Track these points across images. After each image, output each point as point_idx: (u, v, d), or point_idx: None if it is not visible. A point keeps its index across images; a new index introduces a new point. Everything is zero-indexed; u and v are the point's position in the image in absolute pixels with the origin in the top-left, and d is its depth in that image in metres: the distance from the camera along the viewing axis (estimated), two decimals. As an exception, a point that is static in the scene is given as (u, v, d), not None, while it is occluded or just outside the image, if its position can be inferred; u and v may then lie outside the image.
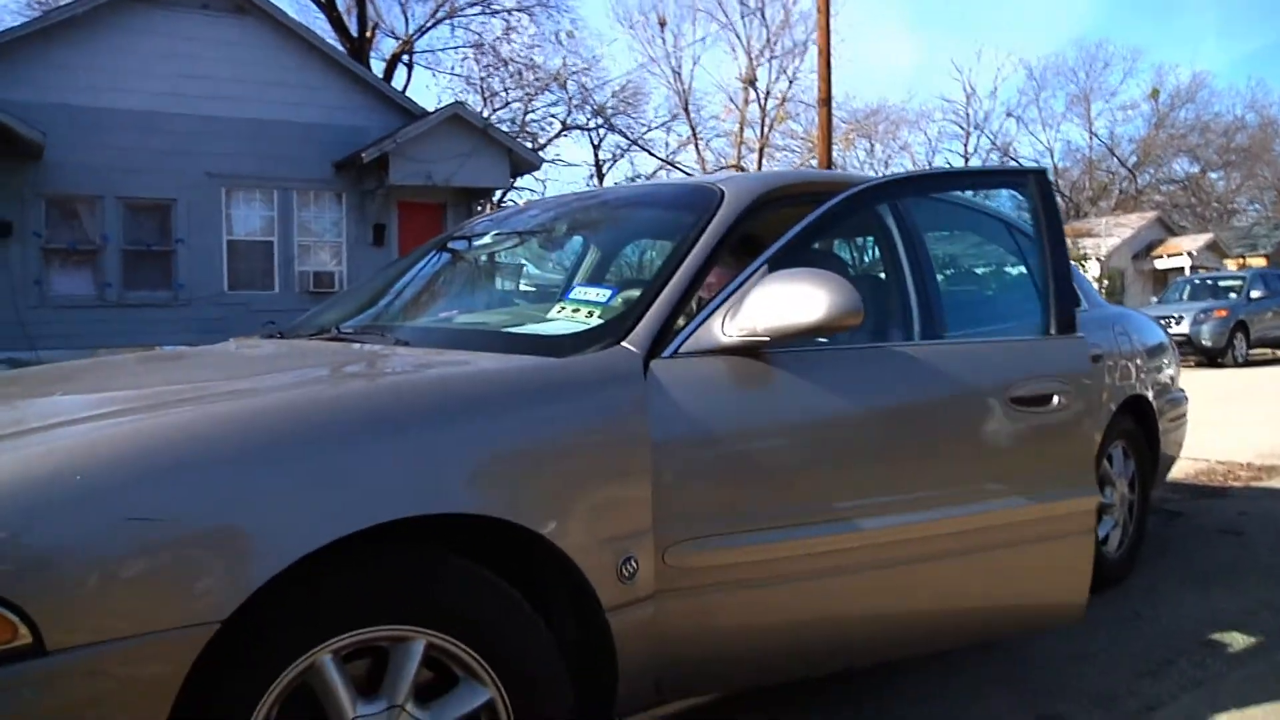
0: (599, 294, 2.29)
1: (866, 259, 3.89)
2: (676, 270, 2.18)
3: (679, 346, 2.08)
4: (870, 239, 3.57)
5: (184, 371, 2.38)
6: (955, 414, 2.41)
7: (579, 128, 31.49)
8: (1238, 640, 3.30)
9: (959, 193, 3.35)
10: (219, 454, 1.56)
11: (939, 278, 2.88)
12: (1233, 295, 17.54)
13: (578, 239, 3.44)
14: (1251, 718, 2.69)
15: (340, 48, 20.38)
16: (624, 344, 2.05)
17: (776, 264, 2.18)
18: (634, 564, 1.91)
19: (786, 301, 2.00)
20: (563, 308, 2.28)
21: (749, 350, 2.10)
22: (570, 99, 30.09)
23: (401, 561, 1.70)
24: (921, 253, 2.72)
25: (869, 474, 2.25)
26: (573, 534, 1.84)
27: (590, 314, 2.22)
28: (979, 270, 3.98)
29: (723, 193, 2.42)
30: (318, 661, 1.60)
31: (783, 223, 2.63)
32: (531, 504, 1.81)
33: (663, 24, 32.52)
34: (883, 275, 2.85)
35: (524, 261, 3.71)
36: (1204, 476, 6.26)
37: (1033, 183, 2.71)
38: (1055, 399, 2.52)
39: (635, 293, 2.21)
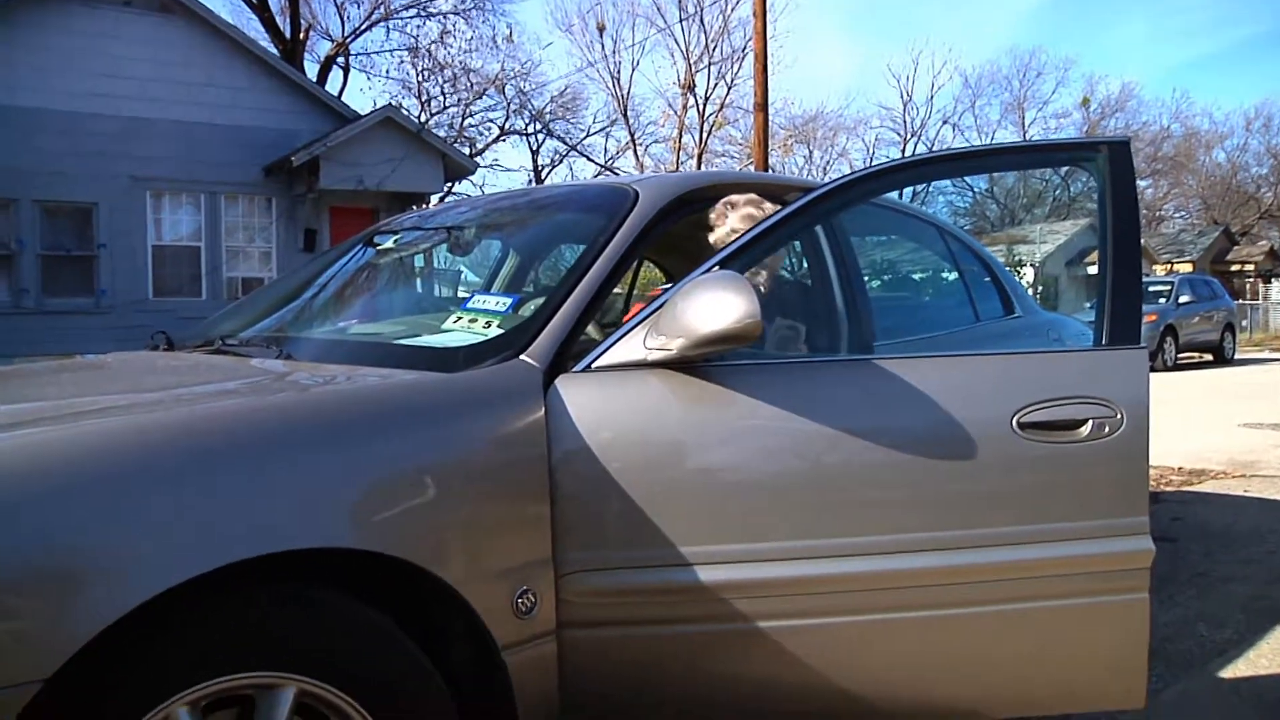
0: (499, 303, 2.13)
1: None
2: (583, 277, 2.02)
3: (593, 360, 1.92)
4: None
5: (28, 389, 2.16)
6: (928, 441, 1.99)
7: (517, 133, 31.26)
8: (1172, 653, 3.23)
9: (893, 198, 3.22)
10: (40, 487, 1.37)
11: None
12: (1162, 300, 17.81)
13: (497, 243, 3.28)
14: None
15: (273, 49, 19.94)
16: (523, 357, 1.88)
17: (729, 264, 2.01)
18: (532, 597, 1.75)
19: (697, 309, 1.80)
20: (459, 317, 2.11)
21: (674, 365, 1.89)
22: (509, 104, 29.85)
23: (266, 601, 1.52)
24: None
25: (813, 507, 1.93)
26: (461, 566, 1.68)
27: (488, 324, 2.05)
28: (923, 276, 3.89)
29: (637, 194, 2.26)
30: (171, 715, 1.42)
31: (704, 225, 2.49)
32: (413, 535, 1.64)
33: (601, 29, 32.25)
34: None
35: (462, 268, 3.55)
36: (1137, 483, 6.25)
37: (1104, 158, 2.21)
38: (1088, 425, 2.02)
39: (539, 301, 2.05)
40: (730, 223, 2.43)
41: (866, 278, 2.72)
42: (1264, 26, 72.78)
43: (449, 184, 18.03)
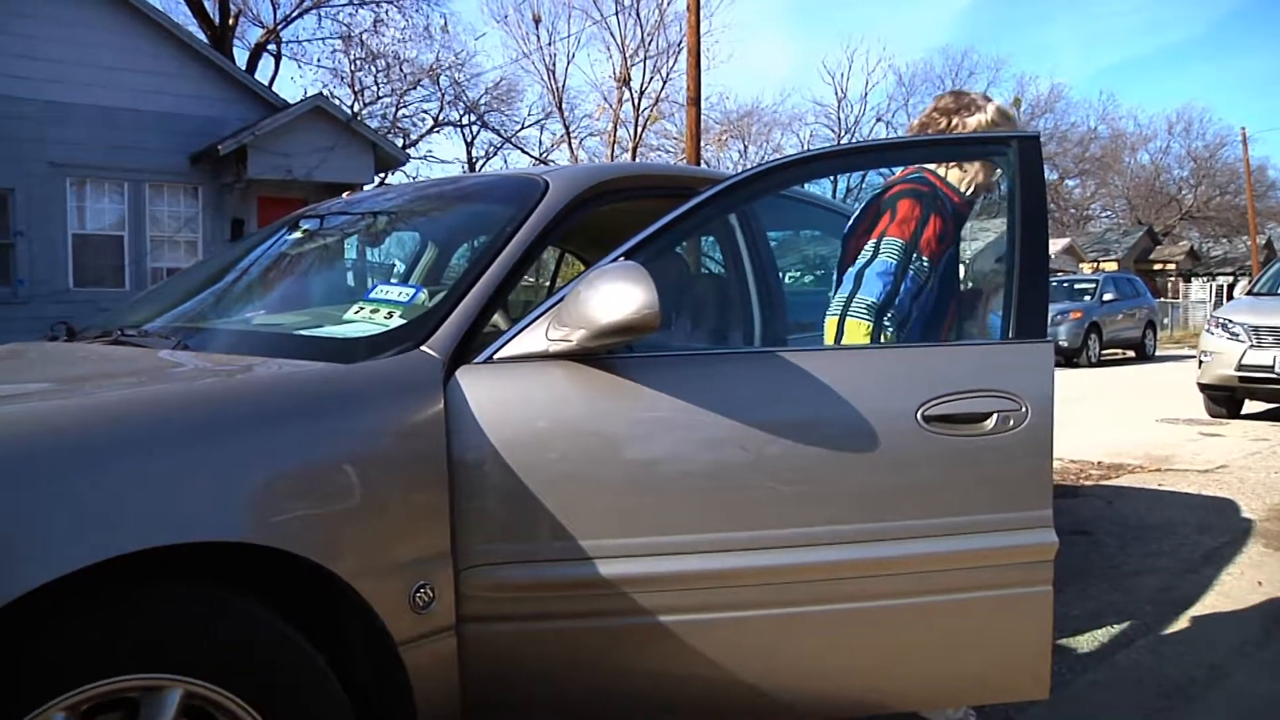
0: (402, 293, 2.09)
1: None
2: (488, 268, 1.98)
3: (495, 351, 1.88)
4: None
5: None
6: (833, 434, 1.97)
7: (451, 124, 31.02)
8: (1083, 645, 3.29)
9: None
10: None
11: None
12: (1087, 298, 18.18)
13: (417, 233, 3.24)
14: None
15: (201, 34, 19.51)
16: (424, 348, 1.84)
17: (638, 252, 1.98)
18: (430, 592, 1.72)
19: (597, 300, 1.77)
20: (361, 308, 2.07)
21: (576, 356, 1.86)
22: (443, 95, 29.59)
23: (150, 600, 1.47)
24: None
25: (718, 500, 1.91)
26: (355, 560, 1.64)
27: (390, 314, 2.01)
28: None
29: (547, 185, 2.24)
30: (47, 720, 1.36)
31: (615, 217, 2.47)
32: (305, 529, 1.59)
33: (537, 20, 31.94)
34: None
35: (396, 261, 3.49)
36: (1058, 476, 6.37)
37: (1014, 152, 2.23)
38: (993, 418, 2.02)
39: (443, 292, 2.02)
40: (989, 115, 2.56)
41: (781, 271, 2.72)
42: (1186, 33, 74.86)
43: (380, 175, 17.81)
